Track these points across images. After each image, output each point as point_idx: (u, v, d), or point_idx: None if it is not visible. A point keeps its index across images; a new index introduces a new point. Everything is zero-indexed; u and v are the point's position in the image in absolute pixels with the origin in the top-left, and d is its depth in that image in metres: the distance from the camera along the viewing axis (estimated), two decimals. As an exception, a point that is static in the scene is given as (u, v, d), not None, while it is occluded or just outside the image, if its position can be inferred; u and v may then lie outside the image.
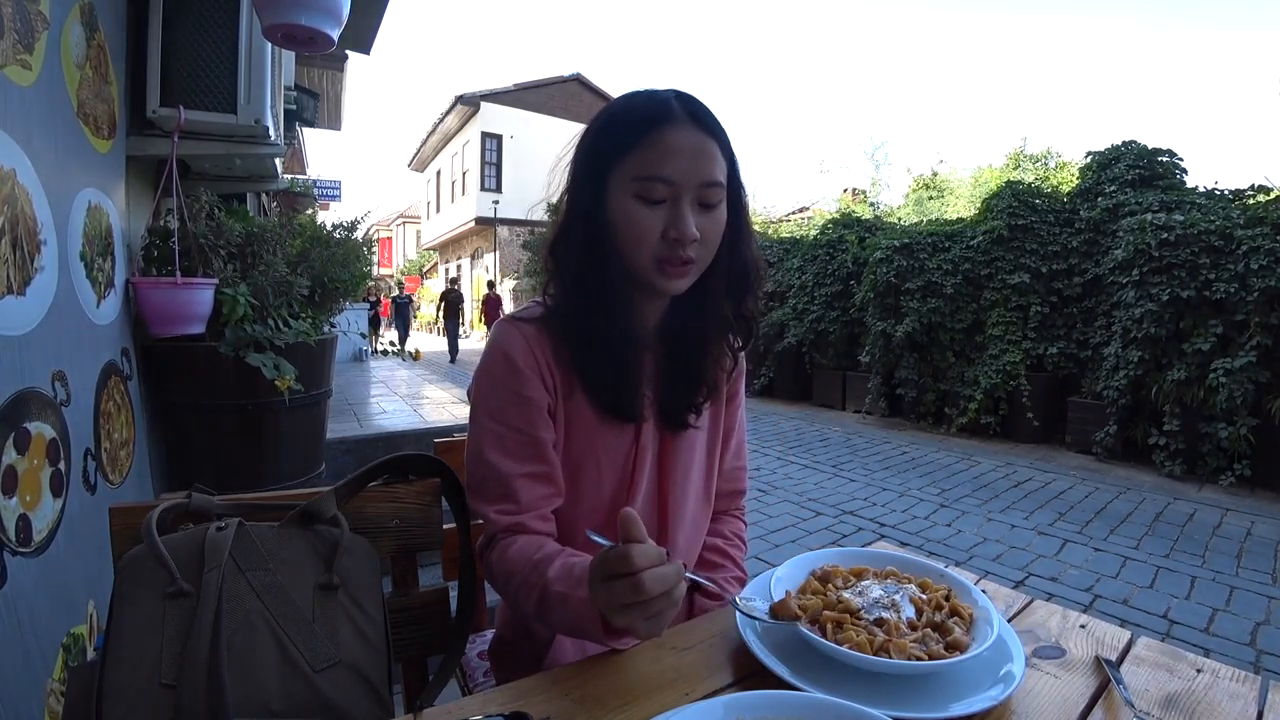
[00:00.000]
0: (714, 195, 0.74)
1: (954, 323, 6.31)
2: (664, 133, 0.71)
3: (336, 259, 2.29)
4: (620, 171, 0.73)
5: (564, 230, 0.78)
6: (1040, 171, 8.57)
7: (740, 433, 0.97)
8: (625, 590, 0.54)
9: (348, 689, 0.63)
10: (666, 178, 0.71)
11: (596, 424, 0.78)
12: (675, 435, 0.84)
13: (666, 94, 0.75)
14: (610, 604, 0.55)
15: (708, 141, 0.73)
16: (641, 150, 0.72)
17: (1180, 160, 5.78)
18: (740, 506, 1.02)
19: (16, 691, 0.97)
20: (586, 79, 19.16)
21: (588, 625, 0.62)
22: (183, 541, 0.65)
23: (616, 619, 0.56)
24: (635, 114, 0.74)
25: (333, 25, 1.68)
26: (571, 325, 0.77)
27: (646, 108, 0.73)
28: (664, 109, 0.73)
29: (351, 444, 2.71)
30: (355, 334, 4.99)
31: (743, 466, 0.99)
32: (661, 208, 0.72)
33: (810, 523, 3.65)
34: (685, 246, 0.72)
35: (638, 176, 0.71)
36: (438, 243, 23.73)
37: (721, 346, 0.86)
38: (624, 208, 0.72)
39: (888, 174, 18.72)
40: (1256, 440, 4.36)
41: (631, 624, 0.55)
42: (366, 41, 3.54)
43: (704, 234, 0.73)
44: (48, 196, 1.19)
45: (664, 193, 0.71)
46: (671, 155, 0.71)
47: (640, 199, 0.72)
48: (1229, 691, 0.59)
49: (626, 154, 0.73)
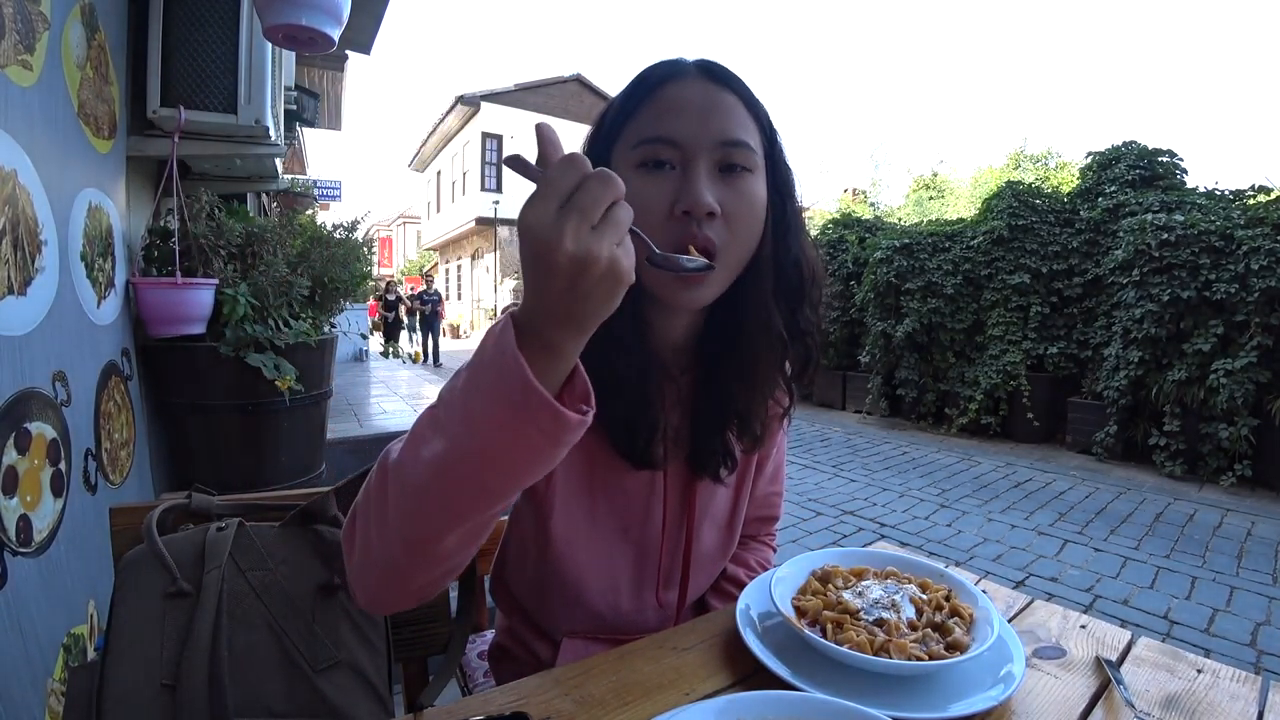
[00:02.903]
0: (738, 156, 0.58)
1: (954, 323, 6.31)
2: (669, 88, 0.59)
3: (336, 259, 2.29)
4: (624, 142, 0.60)
5: None
6: (1040, 172, 8.58)
7: (779, 456, 0.84)
8: (594, 191, 0.38)
9: (348, 689, 0.63)
10: (669, 137, 0.57)
11: (610, 457, 0.66)
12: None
13: (681, 58, 0.63)
14: (580, 231, 0.38)
15: (723, 94, 0.59)
16: (643, 113, 0.60)
17: (1180, 160, 5.79)
18: (771, 532, 0.91)
19: (16, 691, 0.97)
20: (587, 79, 19.17)
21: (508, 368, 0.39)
22: (183, 541, 0.65)
23: (595, 248, 0.38)
24: (642, 79, 0.61)
25: (333, 25, 1.68)
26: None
27: (653, 70, 0.61)
28: (672, 66, 0.61)
29: (351, 444, 2.71)
30: (355, 334, 4.99)
31: (779, 492, 0.87)
32: (669, 175, 0.58)
33: (810, 523, 3.65)
34: (701, 222, 0.56)
35: (638, 141, 0.59)
36: (438, 243, 23.74)
37: (773, 375, 0.68)
38: (627, 180, 0.54)
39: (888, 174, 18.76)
40: (1257, 440, 4.36)
41: (619, 236, 0.40)
42: (366, 41, 3.54)
43: (728, 208, 0.57)
44: (48, 196, 1.19)
45: (669, 155, 0.58)
46: (676, 111, 0.58)
47: (644, 168, 0.58)
48: (1229, 692, 0.59)
49: (629, 120, 0.60)
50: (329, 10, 1.65)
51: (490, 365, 0.41)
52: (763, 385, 0.68)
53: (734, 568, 0.84)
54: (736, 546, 0.82)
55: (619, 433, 0.64)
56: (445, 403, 0.45)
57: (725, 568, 0.83)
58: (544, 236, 0.38)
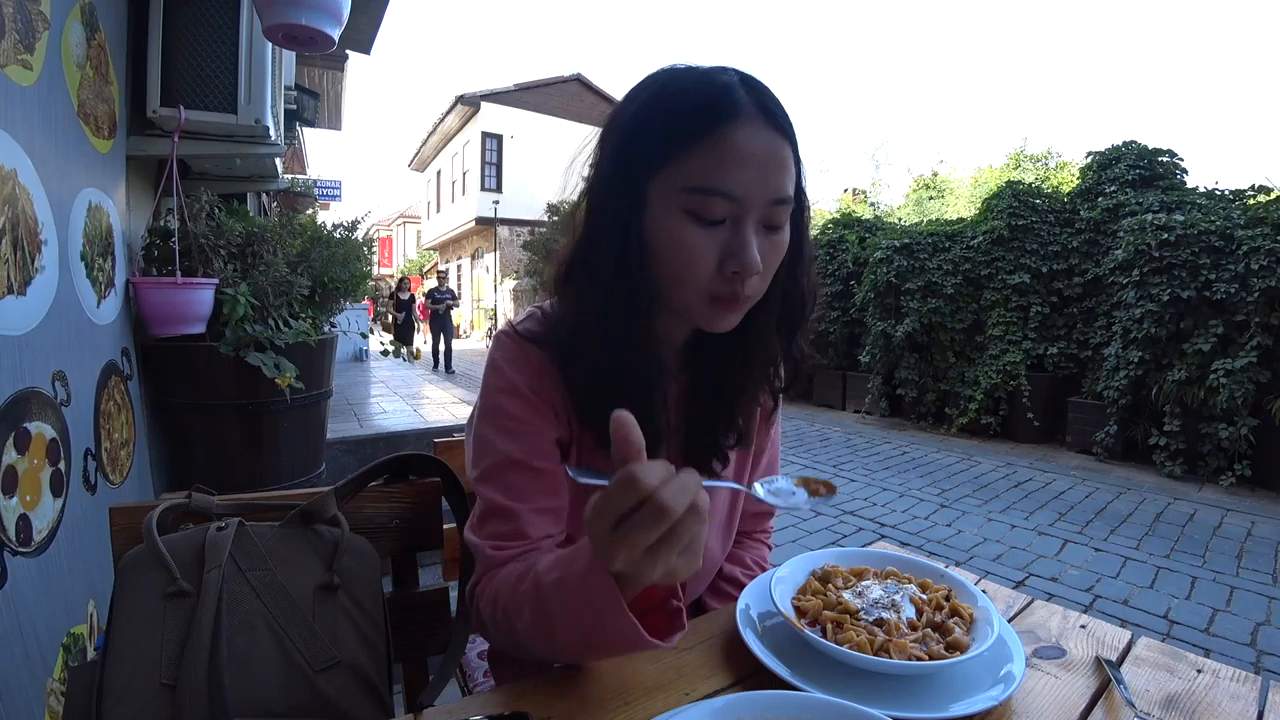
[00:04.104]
0: (781, 215, 0.59)
1: (954, 323, 6.31)
2: (729, 132, 0.55)
3: (336, 259, 2.29)
4: (667, 178, 0.57)
5: (585, 246, 0.62)
6: (1040, 171, 8.58)
7: (773, 449, 0.85)
8: (645, 522, 0.41)
9: (348, 689, 0.63)
10: (730, 192, 0.55)
11: (609, 454, 0.71)
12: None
13: (728, 77, 0.58)
14: (632, 556, 0.42)
15: (781, 145, 0.57)
16: (698, 153, 0.55)
17: (1180, 160, 5.79)
18: (767, 528, 0.92)
19: (16, 691, 0.97)
20: (587, 79, 19.16)
21: (603, 606, 0.47)
22: (183, 541, 0.65)
23: (646, 571, 0.43)
24: (689, 102, 0.57)
25: (333, 25, 1.68)
26: (586, 356, 0.63)
27: (704, 95, 0.57)
28: (728, 99, 0.56)
29: (351, 444, 2.71)
30: (355, 334, 4.99)
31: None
32: (719, 229, 0.57)
33: (810, 523, 3.65)
34: (746, 281, 0.58)
35: (692, 187, 0.56)
36: (438, 243, 23.74)
37: (763, 388, 0.72)
38: (670, 227, 0.57)
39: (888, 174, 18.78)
40: (1257, 440, 4.36)
41: (667, 566, 0.43)
42: (367, 41, 3.55)
43: (766, 262, 0.59)
44: (48, 196, 1.19)
45: (724, 210, 0.56)
46: (738, 163, 0.55)
47: (693, 216, 0.56)
48: (1229, 692, 0.59)
49: (677, 155, 0.56)
50: (329, 10, 1.65)
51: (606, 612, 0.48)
52: (755, 392, 0.72)
53: (731, 567, 0.84)
54: (734, 545, 0.83)
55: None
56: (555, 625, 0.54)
57: (722, 567, 0.83)
58: (599, 549, 0.45)
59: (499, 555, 0.63)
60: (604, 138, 0.63)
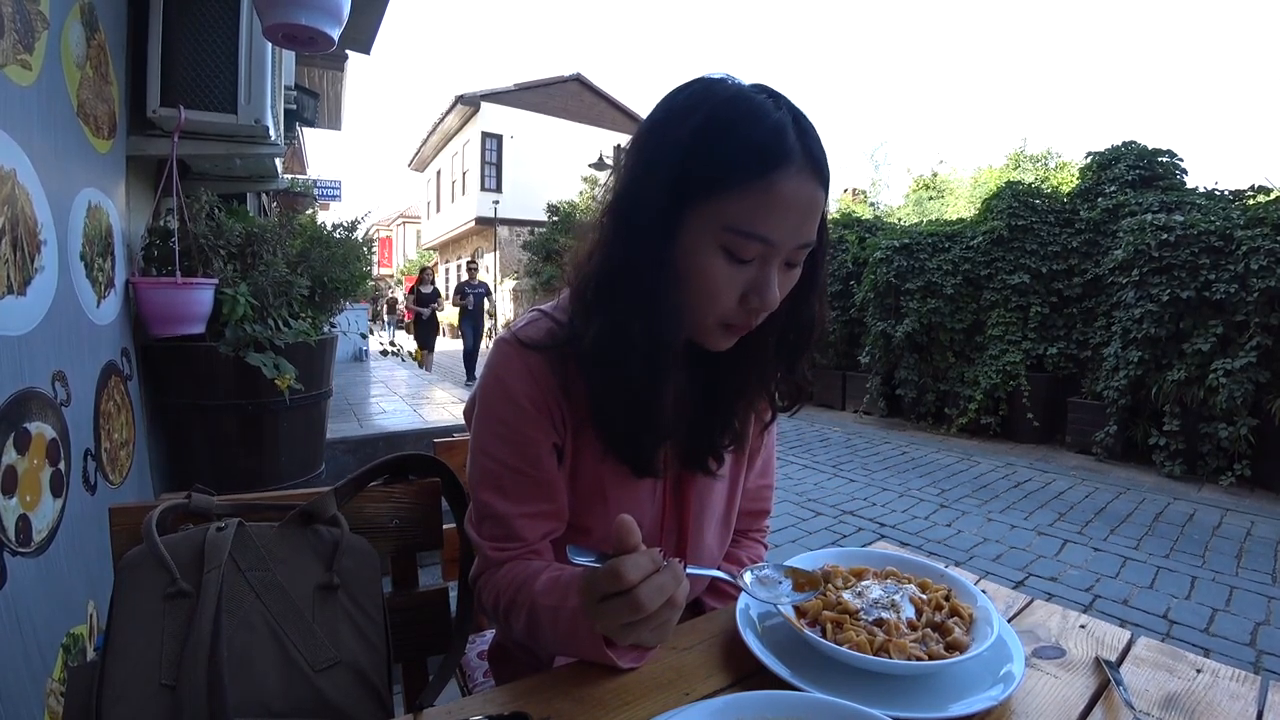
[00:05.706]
0: (804, 254, 0.62)
1: (954, 323, 6.31)
2: (778, 181, 0.56)
3: (336, 259, 2.29)
4: (709, 213, 0.58)
5: (616, 264, 0.61)
6: (1040, 172, 8.58)
7: (769, 449, 0.87)
8: (622, 609, 0.50)
9: (348, 689, 0.63)
10: (768, 238, 0.57)
11: (615, 464, 0.69)
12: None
13: (781, 116, 0.58)
14: (609, 626, 0.53)
15: (819, 194, 0.59)
16: (745, 196, 0.56)
17: (1180, 160, 5.79)
18: (763, 528, 0.93)
19: (16, 691, 0.97)
20: (587, 79, 19.15)
21: (583, 640, 0.57)
22: (183, 542, 0.65)
23: (619, 637, 0.54)
24: (743, 142, 0.56)
25: (333, 25, 1.68)
26: (593, 368, 0.63)
27: (758, 136, 0.56)
28: (781, 146, 0.56)
29: (351, 444, 2.71)
30: (355, 334, 4.99)
31: (769, 485, 0.90)
32: (747, 267, 0.59)
33: (810, 523, 3.65)
34: (761, 315, 0.62)
35: (733, 228, 0.57)
36: (438, 243, 23.73)
37: (760, 395, 0.74)
38: (703, 259, 0.59)
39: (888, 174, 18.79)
40: (1256, 440, 4.36)
41: (637, 639, 0.53)
42: (366, 41, 3.55)
43: (781, 293, 0.62)
44: (48, 196, 1.19)
45: (757, 252, 0.59)
46: (781, 212, 0.57)
47: (726, 253, 0.59)
48: (1229, 692, 0.59)
49: (723, 194, 0.57)
50: (329, 10, 1.65)
51: (584, 643, 0.58)
52: (752, 397, 0.74)
53: (728, 565, 0.85)
54: (729, 545, 0.85)
55: (626, 449, 0.67)
56: (541, 635, 0.63)
57: (720, 567, 0.83)
58: (586, 609, 0.56)
59: (499, 556, 0.68)
60: (640, 151, 0.62)
